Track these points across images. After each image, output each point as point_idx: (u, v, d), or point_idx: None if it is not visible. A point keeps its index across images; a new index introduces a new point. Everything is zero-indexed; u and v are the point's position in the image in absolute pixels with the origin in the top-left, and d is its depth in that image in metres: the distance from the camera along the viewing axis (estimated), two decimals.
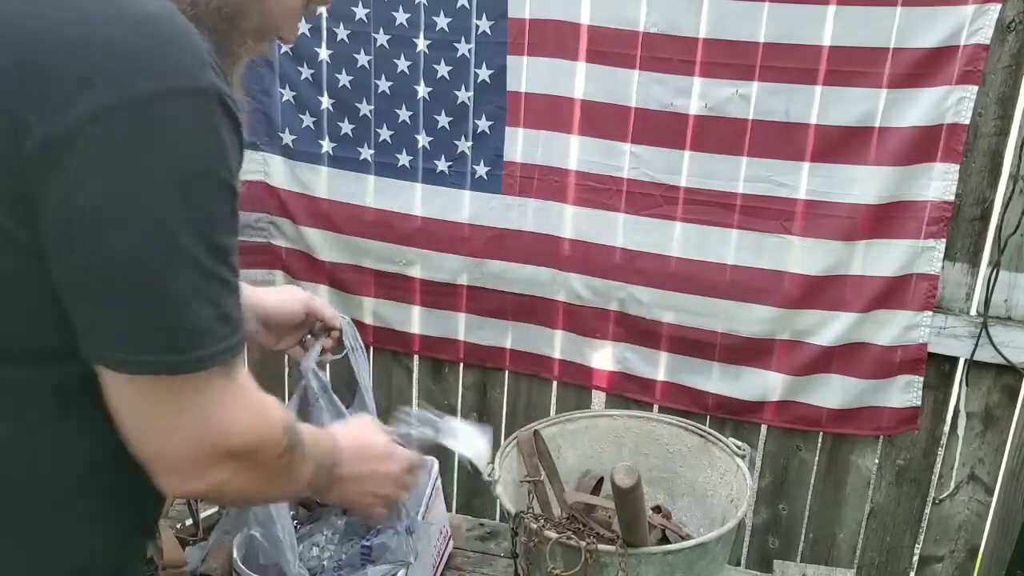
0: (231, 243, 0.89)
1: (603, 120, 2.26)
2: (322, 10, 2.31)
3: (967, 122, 2.03)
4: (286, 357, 2.57)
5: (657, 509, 2.01)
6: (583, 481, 2.04)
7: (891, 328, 2.20)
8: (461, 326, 2.56)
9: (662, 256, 2.31)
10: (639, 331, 2.39)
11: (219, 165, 0.86)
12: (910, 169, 2.09)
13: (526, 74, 2.29)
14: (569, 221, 2.37)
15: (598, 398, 2.59)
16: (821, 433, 2.37)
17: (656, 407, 2.43)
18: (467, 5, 2.27)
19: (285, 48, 2.43)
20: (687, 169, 2.23)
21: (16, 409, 0.91)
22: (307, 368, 1.61)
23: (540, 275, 2.43)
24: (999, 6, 1.94)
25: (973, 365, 2.20)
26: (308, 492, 1.11)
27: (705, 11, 2.11)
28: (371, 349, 2.64)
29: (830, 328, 2.23)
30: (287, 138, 2.52)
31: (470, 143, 2.38)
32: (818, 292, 2.22)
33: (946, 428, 2.29)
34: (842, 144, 2.11)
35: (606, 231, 2.34)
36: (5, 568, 0.95)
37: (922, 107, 2.04)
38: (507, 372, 2.59)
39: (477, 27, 2.28)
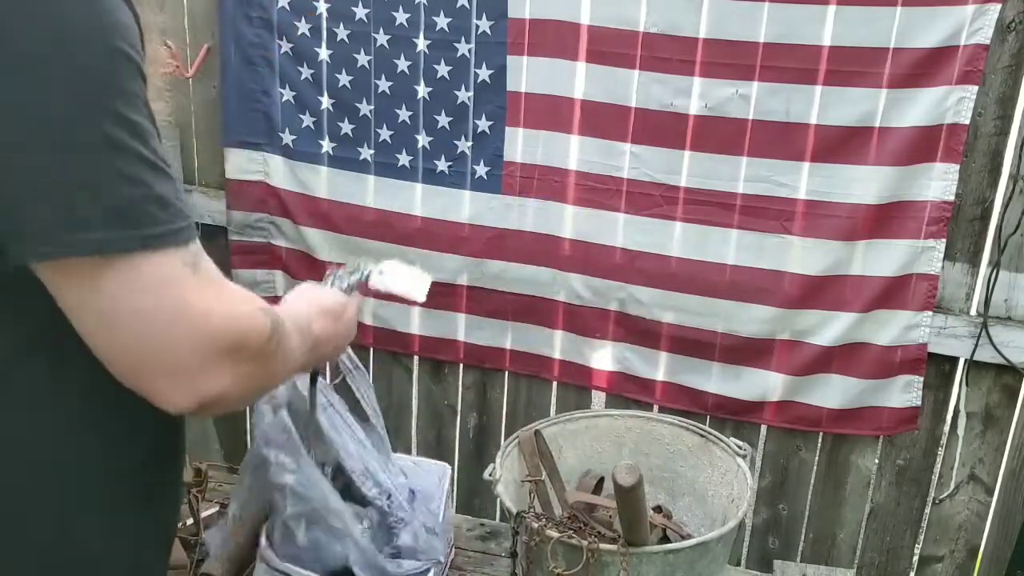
0: (145, 124, 0.84)
1: (603, 120, 2.26)
2: (322, 10, 2.35)
3: (967, 122, 2.03)
4: None
5: (658, 509, 2.01)
6: (584, 481, 2.04)
7: (891, 328, 2.21)
8: (461, 326, 2.55)
9: (662, 256, 2.31)
10: (639, 331, 2.39)
11: (110, 34, 0.81)
12: (910, 169, 2.09)
13: (526, 74, 2.29)
14: (569, 221, 2.37)
15: (598, 398, 2.59)
16: (821, 433, 2.37)
17: (656, 407, 2.43)
18: (467, 5, 2.27)
19: (285, 48, 2.44)
20: (687, 169, 2.24)
21: None
22: (302, 387, 1.60)
23: (540, 275, 2.43)
24: (999, 6, 1.95)
25: (973, 365, 2.20)
26: (299, 368, 1.09)
27: (705, 11, 2.11)
28: (371, 350, 2.64)
29: (830, 328, 2.23)
30: (287, 138, 2.52)
31: (470, 143, 2.38)
32: (818, 292, 2.22)
33: (946, 428, 2.29)
34: (842, 144, 2.11)
35: (606, 231, 2.34)
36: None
37: (922, 107, 2.04)
38: (507, 372, 2.59)
39: (477, 27, 2.28)
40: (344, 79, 2.42)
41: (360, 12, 2.35)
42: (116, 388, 0.87)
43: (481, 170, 2.39)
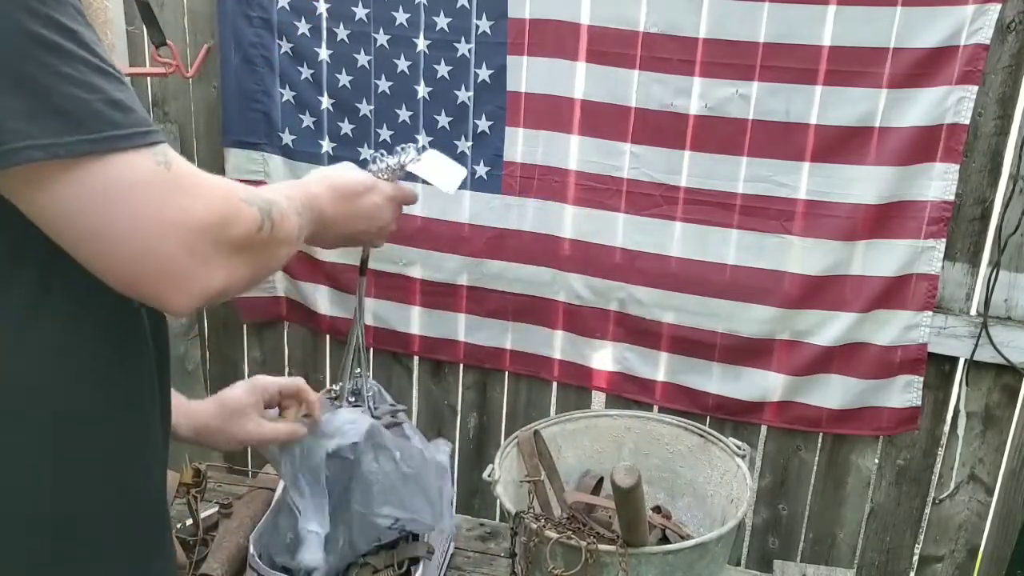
0: (87, 32, 0.82)
1: (603, 120, 2.26)
2: (322, 10, 2.35)
3: (967, 122, 2.03)
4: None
5: (657, 509, 2.02)
6: (583, 481, 2.04)
7: (891, 328, 2.20)
8: (461, 327, 2.55)
9: (662, 256, 2.31)
10: (639, 331, 2.39)
11: None
12: (910, 169, 2.09)
13: (526, 74, 2.29)
14: (569, 221, 2.37)
15: (598, 398, 2.59)
16: (821, 433, 2.37)
17: (656, 408, 2.43)
18: (467, 5, 2.27)
19: (285, 48, 2.44)
20: (687, 169, 2.23)
21: None
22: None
23: (540, 275, 2.43)
24: (999, 6, 1.94)
25: (973, 365, 2.20)
26: (300, 246, 1.10)
27: (705, 11, 2.11)
28: (371, 350, 2.64)
29: (830, 328, 2.23)
30: (287, 138, 2.52)
31: (470, 143, 2.38)
32: (818, 292, 2.22)
33: (946, 428, 2.29)
34: (842, 144, 2.11)
35: (606, 231, 2.34)
36: None
37: (922, 107, 2.04)
38: (507, 372, 2.59)
39: (477, 27, 2.28)
40: (344, 79, 2.42)
41: (360, 12, 2.35)
42: (109, 302, 0.86)
43: (481, 170, 2.39)
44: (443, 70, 2.34)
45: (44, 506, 0.93)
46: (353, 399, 1.69)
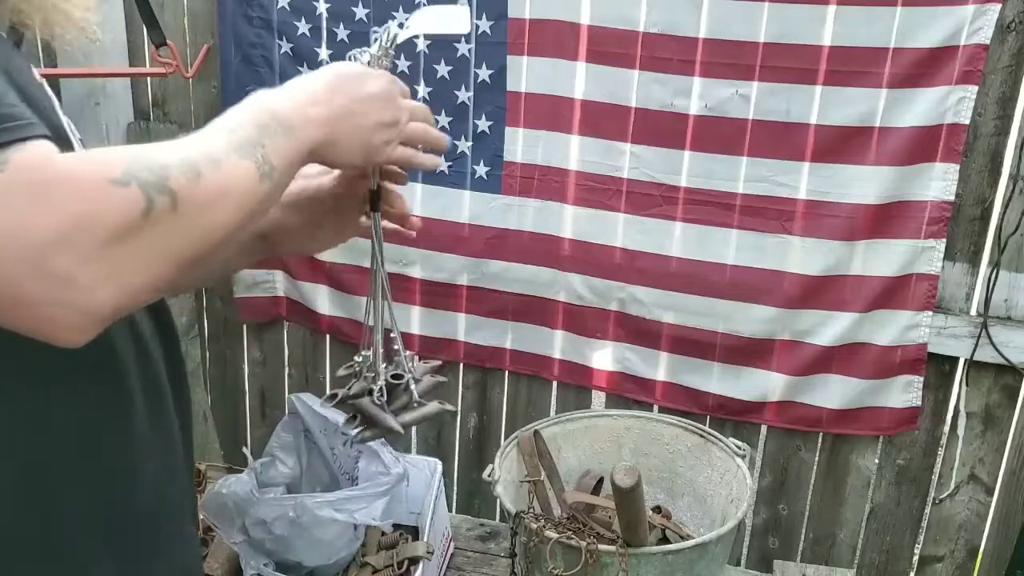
0: None
1: (603, 120, 2.26)
2: (322, 10, 2.34)
3: (967, 122, 2.03)
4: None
5: (657, 509, 2.02)
6: (583, 481, 2.04)
7: (891, 328, 2.20)
8: (461, 326, 2.55)
9: (662, 256, 2.31)
10: (639, 331, 2.39)
11: None
12: (910, 169, 2.09)
13: (526, 74, 2.29)
14: (569, 221, 2.37)
15: (598, 398, 2.59)
16: (821, 433, 2.37)
17: (656, 407, 2.43)
18: (467, 5, 2.27)
19: (285, 48, 2.44)
20: (687, 169, 2.23)
21: None
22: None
23: (540, 275, 2.43)
24: (999, 6, 1.94)
25: (973, 365, 2.20)
26: (279, 178, 0.90)
27: (705, 11, 2.11)
28: None
29: (830, 328, 2.23)
30: None
31: (470, 143, 2.38)
32: (818, 292, 2.22)
33: (946, 428, 2.29)
34: (842, 144, 2.11)
35: (606, 231, 2.34)
36: None
37: (922, 107, 2.04)
38: (507, 372, 2.59)
39: (477, 27, 2.28)
40: None
41: (360, 12, 2.35)
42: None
43: (481, 170, 2.39)
44: (443, 70, 2.34)
45: (21, 516, 0.89)
46: (384, 365, 1.44)
